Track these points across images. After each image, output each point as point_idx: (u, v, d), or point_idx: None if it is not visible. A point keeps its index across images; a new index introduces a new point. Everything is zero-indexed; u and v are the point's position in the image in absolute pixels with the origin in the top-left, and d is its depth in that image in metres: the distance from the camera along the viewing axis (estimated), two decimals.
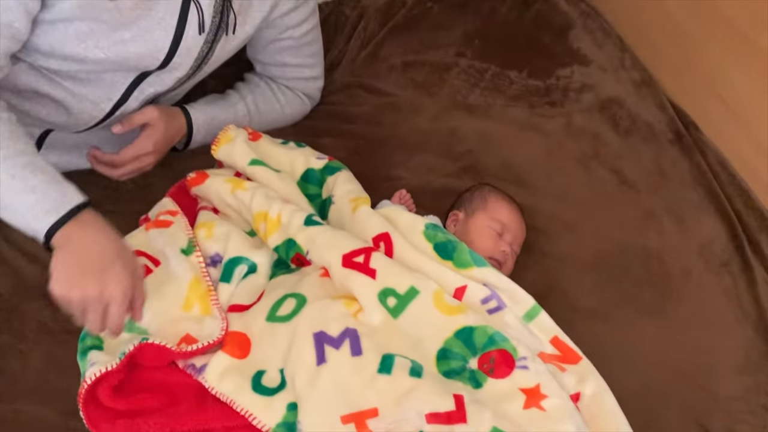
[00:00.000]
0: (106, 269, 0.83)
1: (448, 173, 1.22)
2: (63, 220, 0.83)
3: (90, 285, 0.81)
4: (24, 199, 0.83)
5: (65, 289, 0.81)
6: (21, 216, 0.84)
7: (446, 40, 1.42)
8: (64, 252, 0.82)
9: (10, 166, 0.83)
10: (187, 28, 0.99)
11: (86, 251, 0.83)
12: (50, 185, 0.85)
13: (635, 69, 1.38)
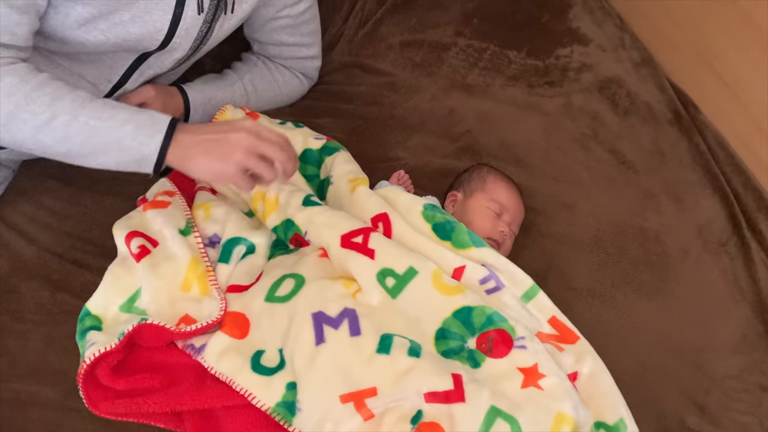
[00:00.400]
0: (228, 137, 0.86)
1: (447, 153, 1.22)
2: (169, 134, 0.86)
3: (234, 154, 0.86)
4: (123, 132, 0.85)
5: (225, 168, 0.86)
6: (127, 149, 0.86)
7: (444, 20, 1.40)
8: (194, 155, 0.87)
9: (91, 111, 0.85)
10: (186, 8, 0.98)
11: (205, 141, 0.87)
12: (134, 113, 0.87)
13: (635, 49, 1.37)
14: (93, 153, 0.87)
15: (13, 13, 0.83)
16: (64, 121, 0.84)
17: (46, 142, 0.85)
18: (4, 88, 0.83)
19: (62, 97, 0.85)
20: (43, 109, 0.84)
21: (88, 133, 0.85)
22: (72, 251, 1.03)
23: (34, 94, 0.84)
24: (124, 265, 0.95)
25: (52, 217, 1.06)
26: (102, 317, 0.90)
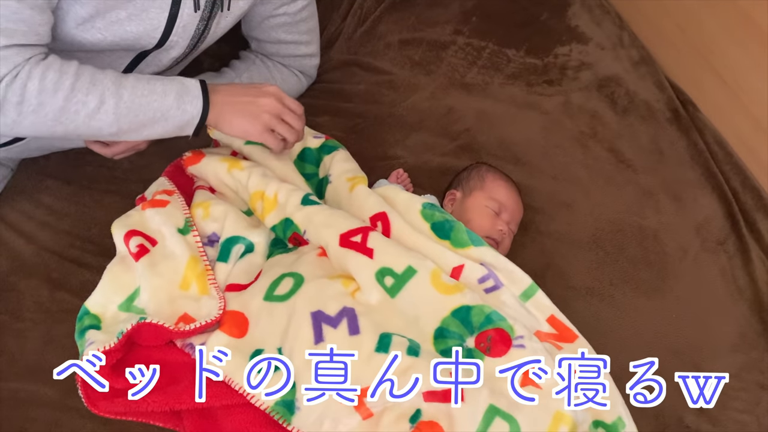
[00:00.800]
0: (257, 101, 0.96)
1: (446, 152, 1.22)
2: (206, 99, 0.94)
3: (262, 116, 0.96)
4: (167, 104, 0.92)
5: (252, 128, 0.96)
6: (172, 118, 0.92)
7: (443, 18, 1.40)
8: (226, 115, 0.95)
9: (132, 89, 0.90)
10: (183, 6, 0.98)
11: (237, 103, 0.96)
12: (168, 83, 0.93)
13: (634, 47, 1.37)
14: (141, 127, 0.92)
15: (36, 14, 0.85)
16: (112, 104, 0.89)
17: (99, 126, 0.90)
18: (50, 85, 0.85)
19: (101, 81, 0.89)
20: (91, 97, 0.87)
21: (136, 111, 0.90)
22: (71, 250, 1.03)
23: (78, 84, 0.87)
24: (123, 263, 0.95)
25: (50, 215, 1.07)
26: (101, 316, 0.90)
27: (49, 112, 0.86)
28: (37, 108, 0.85)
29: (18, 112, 0.85)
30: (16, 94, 0.84)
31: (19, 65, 0.84)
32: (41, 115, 0.86)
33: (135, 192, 1.07)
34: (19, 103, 0.84)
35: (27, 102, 0.84)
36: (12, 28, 0.83)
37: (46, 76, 0.85)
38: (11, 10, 0.83)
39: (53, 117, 0.86)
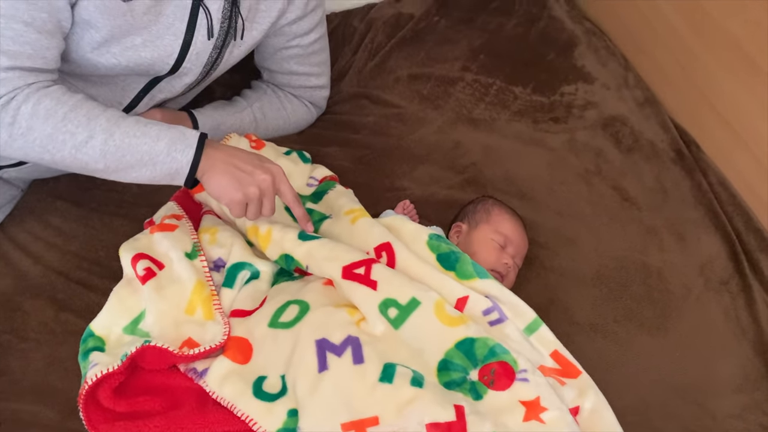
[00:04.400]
0: (254, 172, 0.92)
1: (452, 185, 1.23)
2: (199, 149, 0.90)
3: (249, 188, 0.91)
4: (157, 148, 0.89)
5: (233, 194, 0.91)
6: (161, 164, 0.90)
7: (452, 54, 1.42)
8: (216, 172, 0.91)
9: (125, 128, 0.88)
10: (196, 34, 1.00)
11: (232, 165, 0.91)
12: (165, 130, 0.90)
13: (638, 88, 1.39)
14: (129, 168, 0.90)
15: (43, 38, 0.86)
16: (101, 140, 0.87)
17: (85, 160, 0.88)
18: (43, 111, 0.85)
19: (97, 117, 0.88)
20: (81, 129, 0.87)
21: (124, 150, 0.88)
22: (78, 271, 1.03)
23: (71, 114, 0.86)
24: (130, 286, 0.95)
25: (59, 236, 1.07)
26: (105, 338, 0.90)
27: (37, 137, 0.86)
28: (26, 132, 0.85)
29: (9, 133, 0.85)
30: (9, 115, 0.84)
31: (18, 88, 0.85)
32: (29, 139, 0.86)
33: (143, 216, 1.07)
34: (10, 125, 0.85)
35: (17, 124, 0.85)
36: (16, 50, 0.84)
37: (41, 102, 0.85)
38: (17, 32, 0.84)
39: (40, 143, 0.86)
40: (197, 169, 0.91)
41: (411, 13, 1.49)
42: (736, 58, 1.20)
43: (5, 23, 0.83)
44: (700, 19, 1.25)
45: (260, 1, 1.07)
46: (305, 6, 1.14)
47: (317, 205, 1.11)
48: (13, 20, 0.83)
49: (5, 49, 0.83)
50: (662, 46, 1.36)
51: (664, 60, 1.37)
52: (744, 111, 1.21)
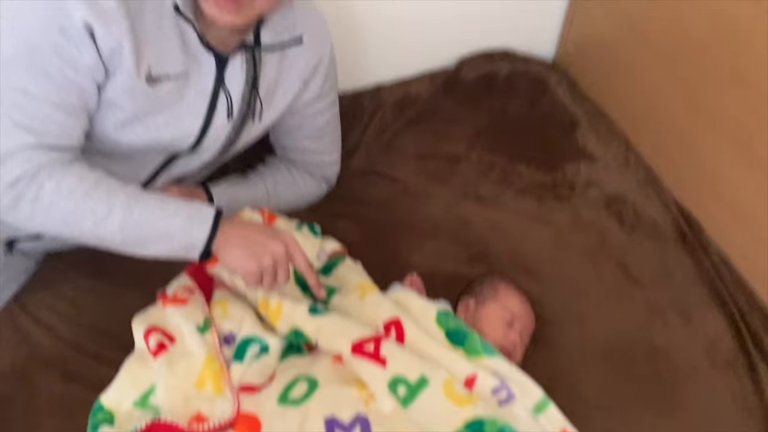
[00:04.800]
0: (268, 243, 0.95)
1: (459, 260, 1.25)
2: (215, 225, 0.94)
3: (263, 258, 0.94)
4: (174, 223, 0.92)
5: (248, 266, 0.94)
6: (177, 239, 0.93)
7: (458, 133, 1.48)
8: (230, 246, 0.94)
9: (144, 205, 0.92)
10: (216, 115, 1.04)
11: (246, 237, 0.95)
12: (182, 206, 0.94)
13: (640, 167, 1.43)
14: (146, 243, 0.92)
15: (70, 119, 0.90)
16: (120, 217, 0.90)
17: (104, 235, 0.91)
18: (65, 188, 0.88)
19: (117, 193, 0.91)
20: (101, 205, 0.89)
21: (142, 226, 0.91)
22: (89, 343, 1.04)
23: (92, 192, 0.89)
24: (141, 360, 0.96)
25: (72, 308, 1.09)
26: (115, 412, 0.91)
27: (58, 213, 0.88)
28: (49, 208, 0.88)
29: (31, 209, 0.88)
30: (32, 191, 0.87)
31: (42, 165, 0.87)
32: (51, 214, 0.88)
33: (156, 288, 1.09)
34: (33, 201, 0.87)
35: (40, 200, 0.87)
36: (44, 130, 0.88)
37: (64, 179, 0.88)
38: (46, 114, 0.87)
39: (61, 218, 0.89)
40: (212, 243, 0.94)
41: (418, 94, 1.55)
42: (733, 141, 1.24)
43: (36, 105, 0.87)
44: (697, 103, 1.30)
45: (278, 84, 1.12)
46: (320, 89, 1.19)
47: (327, 278, 1.12)
48: (44, 102, 0.87)
49: (33, 129, 0.87)
50: (661, 127, 1.41)
51: (663, 141, 1.41)
52: (743, 192, 1.24)
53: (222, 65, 1.01)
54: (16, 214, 0.89)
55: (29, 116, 0.87)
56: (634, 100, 1.47)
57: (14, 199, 0.87)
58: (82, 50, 0.87)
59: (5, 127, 0.86)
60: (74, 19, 0.85)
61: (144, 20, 0.91)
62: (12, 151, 0.86)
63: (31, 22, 0.84)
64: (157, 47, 0.93)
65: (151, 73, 0.94)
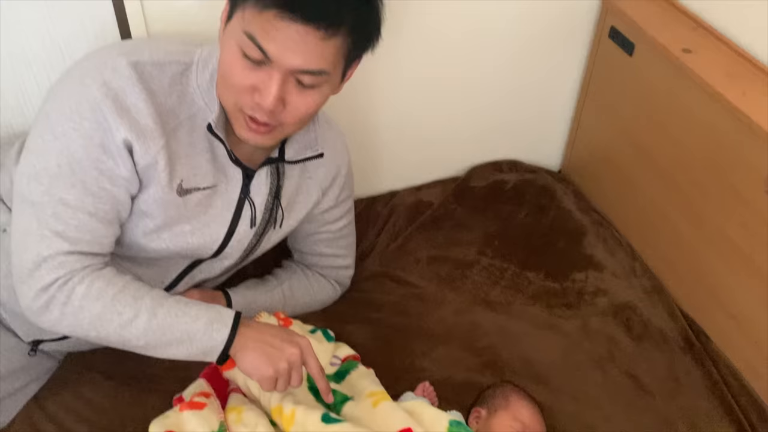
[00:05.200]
0: (284, 347, 0.98)
1: (471, 367, 1.26)
2: (234, 329, 0.97)
3: (279, 363, 0.97)
4: (196, 327, 0.96)
5: (265, 371, 0.97)
6: (198, 342, 0.96)
7: (468, 239, 1.52)
8: (247, 350, 0.97)
9: (168, 308, 0.96)
10: (240, 223, 1.09)
11: (263, 342, 0.98)
12: (204, 310, 0.98)
13: (646, 276, 1.47)
14: (167, 345, 0.96)
15: (103, 227, 0.95)
16: (145, 319, 0.94)
17: (128, 337, 0.94)
18: (95, 292, 0.92)
19: (143, 297, 0.95)
20: (128, 309, 0.93)
21: (165, 329, 0.95)
22: None
23: (119, 295, 0.94)
24: None
25: (90, 410, 1.10)
26: None
27: (87, 316, 0.92)
28: (78, 311, 0.92)
29: (61, 311, 0.92)
30: (63, 295, 0.91)
31: (75, 270, 0.92)
32: (80, 317, 0.92)
33: (173, 391, 1.10)
34: (64, 304, 0.92)
35: (71, 304, 0.92)
36: (77, 237, 0.92)
37: (93, 284, 0.92)
38: (81, 222, 0.92)
39: (89, 321, 0.93)
40: (231, 347, 0.97)
41: (430, 201, 1.61)
42: (734, 256, 1.28)
43: (72, 213, 0.92)
44: (698, 217, 1.35)
45: (298, 194, 1.18)
46: (337, 197, 1.25)
47: (340, 385, 1.14)
48: (79, 211, 0.92)
49: (68, 236, 0.92)
50: (665, 238, 1.45)
51: (667, 251, 1.45)
52: (746, 306, 1.27)
53: (248, 178, 1.07)
54: (47, 316, 0.93)
55: (65, 224, 0.92)
56: (638, 211, 1.52)
57: (46, 303, 0.92)
58: (120, 165, 0.93)
59: (42, 234, 0.91)
60: (116, 138, 0.92)
61: (178, 137, 0.98)
62: (47, 257, 0.91)
63: (75, 139, 0.91)
64: (189, 162, 1.00)
65: (182, 186, 1.00)
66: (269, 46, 0.87)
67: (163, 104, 0.95)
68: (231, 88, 0.93)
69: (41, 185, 0.91)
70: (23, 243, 0.92)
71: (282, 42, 0.86)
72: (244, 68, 0.90)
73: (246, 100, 0.93)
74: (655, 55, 1.38)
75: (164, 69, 0.96)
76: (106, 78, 0.91)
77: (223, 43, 0.93)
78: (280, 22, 0.85)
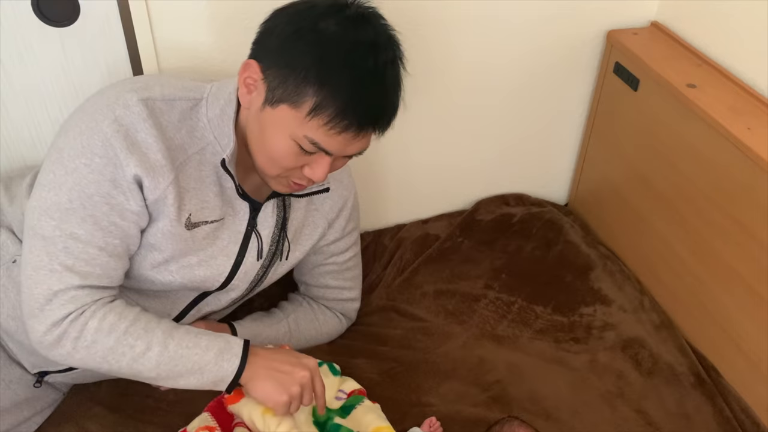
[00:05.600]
0: (294, 372, 1.01)
1: (478, 402, 1.25)
2: (243, 359, 0.99)
3: (291, 388, 1.00)
4: (206, 359, 0.97)
5: (278, 398, 0.99)
6: (209, 372, 0.98)
7: (475, 273, 1.52)
8: (259, 379, 0.99)
9: (179, 340, 0.97)
10: (247, 255, 1.10)
11: (273, 369, 1.00)
12: (213, 339, 0.99)
13: (654, 311, 1.45)
14: (179, 376, 0.97)
15: (113, 261, 0.96)
16: (157, 352, 0.95)
17: (140, 369, 0.95)
18: (107, 326, 0.93)
19: (153, 330, 0.96)
20: (139, 342, 0.94)
21: (176, 361, 0.96)
22: None
23: (131, 329, 0.94)
24: None
25: None
26: None
27: (99, 349, 0.93)
28: (90, 345, 0.93)
29: (73, 346, 0.92)
30: (76, 329, 0.92)
31: (86, 305, 0.93)
32: (92, 351, 0.93)
33: (177, 425, 1.10)
34: (76, 339, 0.92)
35: (83, 338, 0.92)
36: (88, 271, 0.93)
37: (105, 317, 0.93)
38: (91, 256, 0.93)
39: (102, 355, 0.93)
40: (241, 376, 0.98)
41: (437, 234, 1.61)
42: (741, 290, 1.27)
43: (82, 248, 0.93)
44: (704, 250, 1.35)
45: (305, 226, 1.19)
46: (343, 229, 1.25)
47: (345, 420, 1.13)
48: (90, 245, 0.93)
49: (78, 270, 0.93)
50: (672, 272, 1.44)
51: (675, 285, 1.44)
52: (756, 341, 1.26)
53: (255, 210, 1.08)
54: (59, 350, 0.93)
55: (75, 258, 0.93)
56: (644, 244, 1.52)
57: (58, 337, 0.92)
58: (131, 200, 0.94)
59: (53, 268, 0.92)
60: (126, 173, 0.93)
61: (186, 172, 0.99)
62: (58, 291, 0.92)
63: (87, 175, 0.92)
64: (197, 196, 1.01)
65: (190, 220, 1.01)
66: (331, 148, 0.93)
67: (173, 139, 0.96)
68: (279, 166, 0.97)
69: (52, 219, 0.92)
70: (34, 277, 0.92)
71: (342, 144, 0.93)
72: (297, 155, 0.94)
73: (295, 175, 0.98)
74: (660, 90, 1.39)
75: (174, 105, 0.97)
76: (118, 114, 0.93)
77: (266, 125, 0.94)
78: (347, 135, 0.92)
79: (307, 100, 0.89)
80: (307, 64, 0.89)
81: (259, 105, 0.94)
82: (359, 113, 0.90)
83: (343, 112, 0.89)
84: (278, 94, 0.91)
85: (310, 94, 0.89)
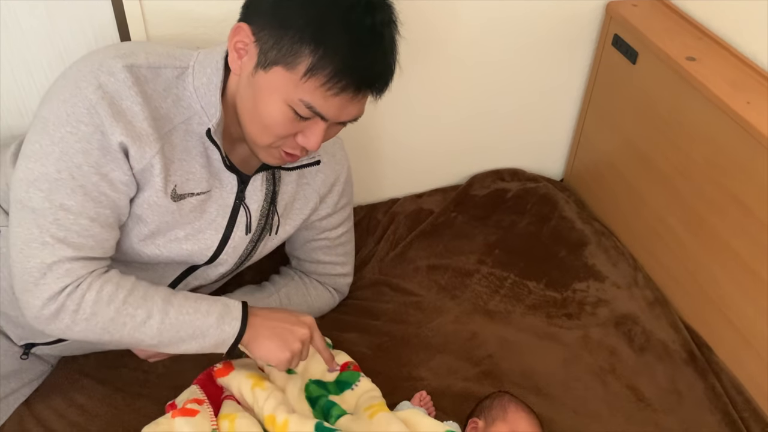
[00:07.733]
0: (294, 329, 1.03)
1: (469, 377, 1.25)
2: (244, 321, 0.99)
3: (293, 345, 1.02)
4: (207, 322, 0.98)
5: (281, 355, 1.01)
6: (210, 337, 0.98)
7: (468, 248, 1.51)
8: (260, 338, 1.01)
9: (178, 306, 0.97)
10: (235, 229, 1.08)
11: (274, 328, 1.02)
12: (212, 304, 1.00)
13: (648, 288, 1.45)
14: (180, 342, 0.97)
15: (104, 231, 0.94)
16: (158, 320, 0.95)
17: (141, 338, 0.95)
18: (105, 297, 0.92)
19: (152, 297, 0.96)
20: (140, 311, 0.94)
21: (178, 327, 0.96)
22: None
23: (130, 298, 0.94)
24: None
25: (82, 415, 1.09)
26: None
27: (99, 321, 0.92)
28: (90, 317, 0.91)
29: (72, 319, 0.91)
30: (74, 302, 0.91)
31: (82, 277, 0.91)
32: (92, 323, 0.92)
33: (166, 397, 1.09)
34: (75, 311, 0.91)
35: (82, 310, 0.91)
36: (80, 243, 0.92)
37: (103, 289, 0.92)
38: (83, 227, 0.92)
39: (102, 326, 0.92)
40: (242, 338, 0.99)
41: (431, 209, 1.60)
42: (737, 266, 1.26)
43: (74, 219, 0.91)
44: (700, 227, 1.34)
45: (295, 200, 1.17)
46: (335, 204, 1.23)
47: (339, 397, 1.13)
48: (81, 216, 0.91)
49: (71, 242, 0.91)
50: (667, 248, 1.43)
51: (670, 262, 1.43)
52: (750, 318, 1.25)
53: (243, 183, 1.06)
54: (57, 324, 0.92)
55: (67, 230, 0.91)
56: (640, 220, 1.50)
57: (56, 311, 0.91)
58: (118, 168, 0.92)
59: (44, 241, 0.90)
60: (112, 141, 0.91)
61: (172, 142, 0.97)
62: (51, 264, 0.90)
63: (73, 144, 0.90)
64: (182, 167, 0.99)
65: (176, 191, 0.99)
66: (327, 112, 0.91)
67: (158, 108, 0.94)
68: (272, 134, 0.94)
69: (41, 191, 0.90)
70: (25, 251, 0.90)
71: (338, 107, 0.90)
72: (291, 121, 0.92)
73: (288, 144, 0.96)
74: (659, 63, 1.37)
75: (159, 73, 0.95)
76: (102, 81, 0.91)
77: (259, 90, 0.91)
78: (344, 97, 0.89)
79: (302, 60, 0.87)
80: (302, 24, 0.86)
81: (250, 70, 0.92)
82: (357, 73, 0.88)
83: (341, 72, 0.87)
84: (271, 56, 0.89)
85: (306, 54, 0.86)
